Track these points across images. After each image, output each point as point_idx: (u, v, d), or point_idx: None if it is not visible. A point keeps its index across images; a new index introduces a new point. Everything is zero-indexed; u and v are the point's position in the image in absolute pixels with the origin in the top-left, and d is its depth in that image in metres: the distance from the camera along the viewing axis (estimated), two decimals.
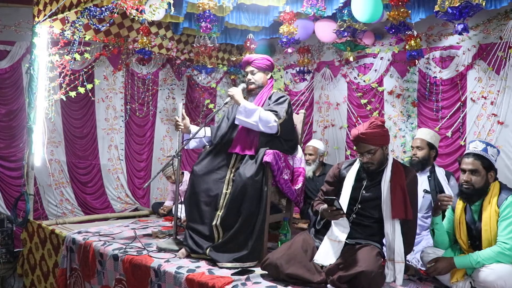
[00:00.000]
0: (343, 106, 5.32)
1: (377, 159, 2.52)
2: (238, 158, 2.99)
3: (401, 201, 2.44)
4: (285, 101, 3.05)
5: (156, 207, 4.93)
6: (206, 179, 2.90)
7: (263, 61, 3.15)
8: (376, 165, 2.53)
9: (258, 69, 3.14)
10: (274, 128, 2.92)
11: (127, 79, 5.48)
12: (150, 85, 5.64)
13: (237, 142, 3.03)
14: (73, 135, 5.15)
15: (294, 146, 3.17)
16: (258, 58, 3.15)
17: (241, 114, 2.90)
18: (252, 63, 3.15)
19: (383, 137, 2.54)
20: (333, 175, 2.75)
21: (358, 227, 2.54)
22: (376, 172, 2.56)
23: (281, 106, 3.00)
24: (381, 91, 4.99)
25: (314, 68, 5.55)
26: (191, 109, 6.07)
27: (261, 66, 3.14)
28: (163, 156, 5.87)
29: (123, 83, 5.46)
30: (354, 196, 2.56)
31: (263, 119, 2.89)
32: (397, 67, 4.87)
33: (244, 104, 2.93)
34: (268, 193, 2.87)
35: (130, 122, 5.59)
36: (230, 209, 2.78)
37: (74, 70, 4.56)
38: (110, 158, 5.45)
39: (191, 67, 5.80)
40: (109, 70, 5.33)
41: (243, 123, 2.93)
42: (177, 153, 3.03)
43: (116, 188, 5.46)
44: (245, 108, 2.91)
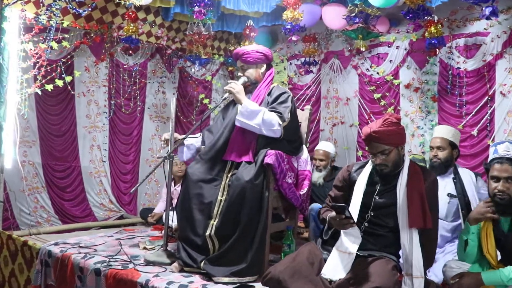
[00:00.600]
0: (353, 102, 5.33)
1: (392, 160, 2.52)
2: (234, 164, 3.01)
3: (419, 208, 2.44)
4: (288, 98, 3.06)
5: (144, 213, 4.93)
6: (199, 184, 2.91)
7: (252, 53, 3.13)
8: (391, 168, 2.53)
9: (247, 63, 3.14)
10: (278, 132, 2.94)
11: (111, 71, 5.44)
12: (137, 78, 5.62)
13: (232, 148, 3.04)
14: (49, 134, 5.10)
15: (298, 146, 3.19)
16: (246, 51, 3.13)
17: (242, 115, 2.91)
18: (241, 58, 3.15)
19: (399, 136, 2.53)
20: (343, 179, 2.75)
21: (370, 237, 2.53)
22: (391, 175, 2.56)
23: (285, 105, 3.02)
24: (396, 85, 5.00)
25: (321, 59, 5.56)
26: (184, 105, 6.06)
27: (251, 60, 3.13)
28: (152, 157, 5.86)
29: (107, 75, 5.42)
30: (366, 202, 2.56)
31: (267, 121, 2.90)
32: (415, 57, 4.86)
33: (246, 103, 2.93)
34: (270, 199, 2.87)
35: (115, 119, 5.56)
36: (226, 218, 2.78)
37: (51, 60, 4.52)
38: (92, 160, 5.42)
39: (183, 58, 5.80)
40: (91, 61, 5.29)
41: (243, 125, 2.94)
42: (169, 154, 3.03)
43: (99, 194, 5.43)
44: (247, 108, 2.91)
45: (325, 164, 4.13)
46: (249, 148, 3.00)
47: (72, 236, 4.01)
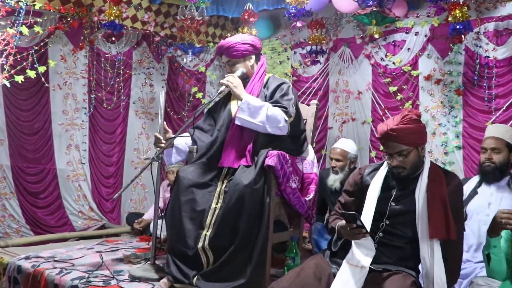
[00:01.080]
0: (366, 96, 5.32)
1: (410, 162, 2.52)
2: (231, 170, 3.02)
3: (441, 216, 2.43)
4: (289, 89, 3.09)
5: (131, 219, 4.94)
6: (192, 190, 2.92)
7: (238, 46, 3.13)
8: (409, 170, 2.53)
9: (234, 57, 3.15)
10: (285, 129, 2.96)
11: (91, 61, 5.43)
12: (121, 69, 5.62)
13: (228, 152, 3.06)
14: (20, 132, 5.09)
15: (302, 144, 3.20)
16: (231, 43, 3.13)
17: (244, 112, 2.92)
18: (226, 53, 3.16)
19: (419, 135, 2.53)
20: (354, 183, 2.76)
21: (386, 249, 2.53)
22: (409, 178, 2.56)
23: (287, 98, 3.04)
24: (415, 76, 4.98)
25: (329, 48, 5.54)
26: (174, 100, 6.08)
27: (237, 54, 3.14)
28: (138, 158, 5.87)
29: (86, 65, 5.42)
30: (380, 210, 2.55)
31: (272, 118, 2.92)
32: (436, 45, 4.83)
33: (247, 99, 2.94)
34: (271, 206, 2.87)
35: (96, 116, 5.55)
36: (222, 227, 2.79)
37: (21, 48, 4.52)
38: (70, 162, 5.41)
39: (173, 46, 5.80)
40: (68, 49, 5.26)
41: (245, 123, 2.96)
42: (157, 155, 3.05)
43: (77, 200, 5.42)
44: (248, 104, 2.92)
45: (341, 165, 4.06)
46: (246, 151, 3.01)
47: (46, 248, 3.99)
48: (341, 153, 4.08)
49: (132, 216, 5.00)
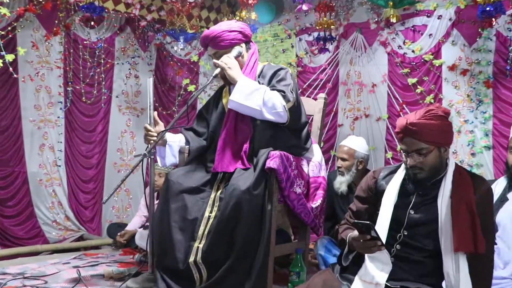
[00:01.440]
0: (381, 88, 5.31)
1: (430, 164, 2.51)
2: (226, 175, 3.04)
3: (467, 226, 2.42)
4: (287, 74, 3.11)
5: (113, 230, 4.96)
6: (183, 196, 2.93)
7: (225, 35, 3.13)
8: (427, 173, 2.52)
9: (222, 48, 3.14)
10: (284, 115, 2.97)
11: (68, 48, 5.42)
12: (102, 58, 5.61)
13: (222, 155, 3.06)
14: None
15: (305, 140, 3.20)
16: (216, 33, 3.12)
17: (239, 95, 2.94)
18: (211, 43, 3.15)
19: (443, 134, 2.52)
20: (367, 188, 2.76)
21: (404, 263, 2.52)
22: (430, 183, 2.55)
23: (285, 83, 3.06)
24: (438, 66, 4.96)
25: (339, 34, 5.54)
26: (163, 93, 6.11)
27: (225, 44, 3.13)
28: (122, 160, 5.90)
29: (62, 53, 5.41)
30: (397, 218, 2.55)
31: (269, 102, 2.94)
32: (463, 30, 4.82)
33: (242, 81, 2.96)
34: (273, 214, 2.86)
35: (73, 111, 5.55)
36: (216, 239, 2.79)
37: None
38: (43, 164, 5.41)
39: (162, 32, 5.82)
40: (40, 35, 5.25)
41: (240, 108, 2.97)
42: (149, 151, 3.02)
43: (51, 208, 5.41)
44: (243, 87, 2.94)
45: (348, 165, 4.05)
46: (242, 153, 3.02)
47: (14, 264, 3.99)
48: (348, 152, 4.07)
49: (113, 227, 5.01)
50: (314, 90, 5.59)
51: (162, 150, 3.18)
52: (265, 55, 5.92)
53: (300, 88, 5.52)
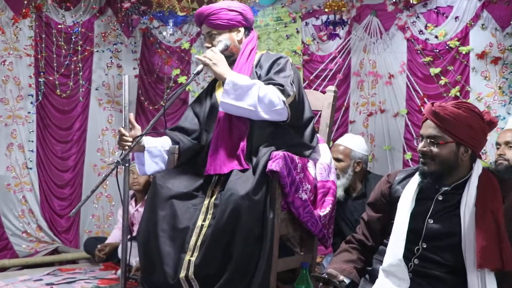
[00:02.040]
0: (399, 80, 5.27)
1: (442, 157, 2.53)
2: (222, 177, 3.04)
3: (493, 240, 2.42)
4: (286, 64, 3.13)
5: (91, 245, 4.93)
6: (172, 202, 2.92)
7: (223, 13, 3.18)
8: (437, 167, 2.55)
9: (217, 28, 3.18)
10: (284, 112, 2.97)
11: (39, 33, 5.40)
12: (79, 44, 5.60)
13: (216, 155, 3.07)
14: None
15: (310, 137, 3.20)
16: (214, 9, 3.17)
17: (229, 94, 2.94)
18: (207, 21, 3.19)
19: (469, 131, 2.52)
20: (381, 194, 2.79)
21: (423, 279, 2.53)
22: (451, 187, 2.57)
23: (284, 74, 3.08)
24: (465, 54, 4.93)
25: (351, 17, 5.49)
26: (150, 85, 6.06)
27: (222, 23, 3.17)
28: (103, 162, 5.87)
29: (32, 39, 5.38)
30: (414, 228, 2.57)
31: (265, 99, 2.93)
32: (494, 12, 4.78)
33: (232, 78, 2.95)
34: (276, 223, 2.85)
35: (46, 106, 5.53)
36: (211, 251, 2.77)
37: None
38: (11, 166, 5.38)
39: (148, 15, 5.79)
40: (7, 17, 5.24)
41: (231, 109, 2.98)
42: (123, 158, 2.92)
43: (21, 217, 5.39)
44: (234, 84, 2.93)
45: (343, 166, 4.06)
46: (238, 152, 3.02)
47: None
48: (343, 151, 4.11)
49: (91, 242, 4.98)
50: (323, 81, 5.54)
51: (140, 157, 3.14)
52: (266, 42, 5.90)
53: (307, 80, 5.54)
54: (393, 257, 2.51)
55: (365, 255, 2.77)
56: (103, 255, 4.60)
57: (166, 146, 3.18)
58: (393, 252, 2.52)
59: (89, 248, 4.89)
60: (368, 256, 2.76)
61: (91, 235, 5.58)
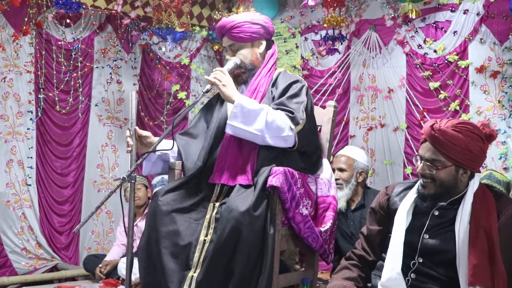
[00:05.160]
0: (399, 94, 5.30)
1: (441, 180, 2.53)
2: (225, 188, 3.03)
3: (486, 259, 2.43)
4: (302, 90, 3.10)
5: (91, 263, 4.93)
6: (173, 218, 2.90)
7: (246, 26, 3.16)
8: (436, 189, 2.55)
9: (240, 41, 3.17)
10: (290, 139, 2.97)
11: (39, 50, 5.40)
12: (79, 60, 5.60)
13: (222, 165, 3.06)
14: None
15: (316, 162, 3.22)
16: (238, 22, 3.16)
17: (236, 118, 2.92)
18: (230, 33, 3.17)
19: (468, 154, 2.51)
20: (379, 207, 2.80)
21: None
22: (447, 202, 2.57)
23: (297, 100, 3.05)
24: (464, 68, 4.93)
25: (351, 32, 5.55)
26: (149, 101, 6.07)
27: (245, 36, 3.16)
28: (103, 178, 5.86)
29: (33, 56, 5.39)
30: (410, 243, 2.57)
31: (273, 125, 2.92)
32: (492, 27, 4.78)
33: (240, 101, 2.93)
34: (277, 239, 2.84)
35: (46, 122, 5.53)
36: (213, 266, 2.76)
37: None
38: (11, 183, 5.37)
39: (148, 31, 5.79)
40: (7, 34, 5.24)
41: (238, 132, 2.96)
42: (129, 175, 2.93)
43: (20, 233, 5.36)
44: (242, 108, 2.91)
45: (347, 176, 4.09)
46: (246, 165, 2.99)
47: None
48: (346, 161, 4.14)
49: (91, 259, 4.98)
50: (322, 96, 5.59)
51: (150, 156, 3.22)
52: None
53: None
54: (391, 271, 2.51)
55: (365, 272, 2.76)
56: (104, 273, 4.61)
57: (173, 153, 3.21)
58: (390, 266, 2.52)
59: (89, 265, 4.90)
60: (369, 273, 2.75)
61: (90, 251, 5.56)
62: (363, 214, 3.93)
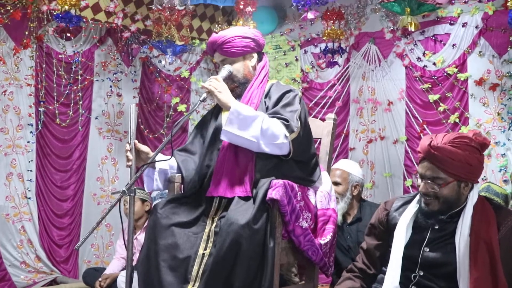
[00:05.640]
0: (398, 106, 5.32)
1: (445, 196, 2.54)
2: (223, 202, 3.02)
3: (487, 271, 2.43)
4: (295, 99, 3.10)
5: (90, 276, 4.90)
6: (173, 231, 2.88)
7: (237, 40, 3.16)
8: (441, 206, 2.55)
9: (232, 56, 3.17)
10: (285, 146, 2.94)
11: (40, 63, 5.41)
12: (79, 74, 5.60)
13: (219, 177, 3.04)
14: None
15: (312, 171, 3.19)
16: (228, 37, 3.15)
17: (232, 124, 2.91)
18: (220, 49, 3.17)
19: (469, 168, 2.52)
20: (378, 222, 2.80)
21: None
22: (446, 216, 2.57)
23: (291, 109, 3.05)
24: (463, 80, 4.95)
25: (350, 45, 5.57)
26: (149, 114, 6.09)
27: (236, 51, 3.15)
28: (102, 191, 5.84)
29: (33, 69, 5.39)
30: (411, 256, 2.57)
31: (268, 132, 2.90)
32: (491, 39, 4.81)
33: (235, 107, 2.93)
34: (276, 252, 2.82)
35: (46, 135, 5.52)
36: (212, 280, 2.72)
37: None
38: (10, 196, 5.34)
39: (147, 44, 5.81)
40: (8, 48, 5.24)
41: (234, 139, 2.95)
42: (129, 187, 2.91)
43: (20, 247, 5.33)
44: (238, 114, 2.91)
45: (342, 190, 4.06)
46: (244, 176, 2.97)
47: None
48: (341, 175, 4.12)
49: (90, 273, 4.94)
50: (322, 109, 5.62)
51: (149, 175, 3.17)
52: None
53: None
54: (390, 285, 2.51)
55: (367, 283, 2.76)
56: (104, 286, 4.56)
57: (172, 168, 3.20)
58: (390, 280, 2.52)
59: (88, 279, 4.84)
60: (370, 286, 2.75)
61: (90, 265, 5.54)
62: (359, 227, 3.93)
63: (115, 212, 5.11)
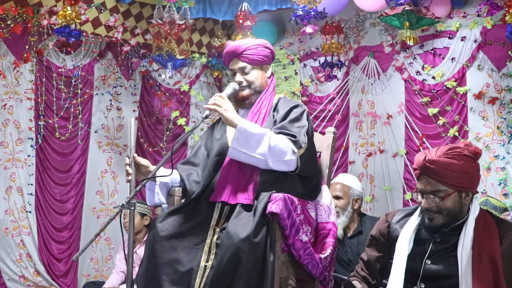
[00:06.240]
0: (398, 120, 5.35)
1: (447, 209, 2.54)
2: (225, 210, 3.00)
3: (489, 282, 2.43)
4: (303, 114, 3.10)
5: None
6: (173, 243, 2.86)
7: (260, 49, 3.18)
8: (444, 219, 2.55)
9: (252, 63, 3.17)
10: (293, 163, 2.94)
11: (40, 77, 5.42)
12: (79, 87, 5.61)
13: (224, 185, 3.03)
14: None
15: (315, 187, 3.19)
16: (250, 45, 3.17)
17: (239, 142, 2.90)
18: (242, 56, 3.16)
19: (466, 176, 2.53)
20: (379, 234, 2.80)
21: None
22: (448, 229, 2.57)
23: (299, 124, 3.05)
24: (462, 94, 4.97)
25: (349, 59, 5.60)
26: (149, 127, 6.10)
27: (257, 59, 3.17)
28: (102, 205, 5.84)
29: (33, 83, 5.41)
30: (413, 268, 2.57)
31: (275, 149, 2.90)
32: (490, 53, 4.83)
33: (242, 125, 2.91)
34: (276, 266, 2.79)
35: (45, 149, 5.52)
36: None
37: None
38: (9, 210, 5.35)
39: (147, 58, 5.83)
40: (8, 62, 5.26)
41: (241, 157, 2.94)
42: (128, 201, 2.89)
43: (19, 261, 5.34)
44: (245, 132, 2.90)
45: (343, 204, 4.07)
46: (248, 184, 2.97)
47: None
48: (341, 189, 4.13)
49: (90, 287, 5.01)
50: (321, 122, 5.63)
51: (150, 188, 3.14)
52: None
53: None
54: None
55: None
56: None
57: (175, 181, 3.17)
58: None
59: None
60: None
61: (89, 278, 5.54)
62: (360, 241, 3.93)
63: (114, 226, 5.16)
